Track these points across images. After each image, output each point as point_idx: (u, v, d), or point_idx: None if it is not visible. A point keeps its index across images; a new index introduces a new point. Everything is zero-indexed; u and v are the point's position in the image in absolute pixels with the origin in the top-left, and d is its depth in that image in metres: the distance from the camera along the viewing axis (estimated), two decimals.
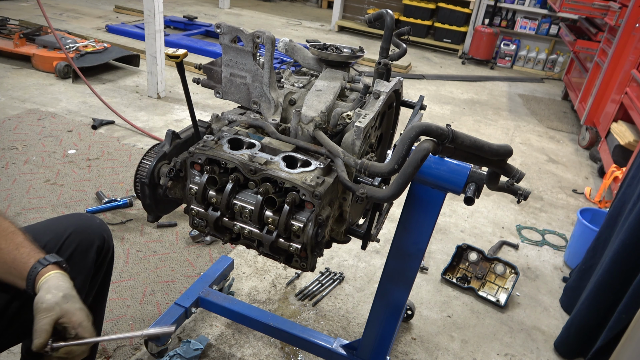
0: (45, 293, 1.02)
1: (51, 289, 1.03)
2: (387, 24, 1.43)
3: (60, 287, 1.04)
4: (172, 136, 1.38)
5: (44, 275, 1.05)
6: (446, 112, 5.21)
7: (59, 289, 1.03)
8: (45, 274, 1.05)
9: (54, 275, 1.05)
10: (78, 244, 1.32)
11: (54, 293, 1.02)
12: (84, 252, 1.34)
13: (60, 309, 1.02)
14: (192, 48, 5.56)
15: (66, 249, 1.30)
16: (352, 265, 2.62)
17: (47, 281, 1.04)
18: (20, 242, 1.10)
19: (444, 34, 7.71)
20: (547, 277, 2.78)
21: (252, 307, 1.97)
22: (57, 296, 1.02)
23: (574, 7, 5.38)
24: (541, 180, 3.97)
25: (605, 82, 4.63)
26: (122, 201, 2.79)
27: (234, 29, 1.28)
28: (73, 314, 1.03)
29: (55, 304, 1.01)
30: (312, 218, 1.14)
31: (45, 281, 1.04)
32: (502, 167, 1.19)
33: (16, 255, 1.07)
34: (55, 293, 1.02)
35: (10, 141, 3.33)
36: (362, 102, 1.36)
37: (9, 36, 4.80)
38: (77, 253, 1.32)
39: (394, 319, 1.65)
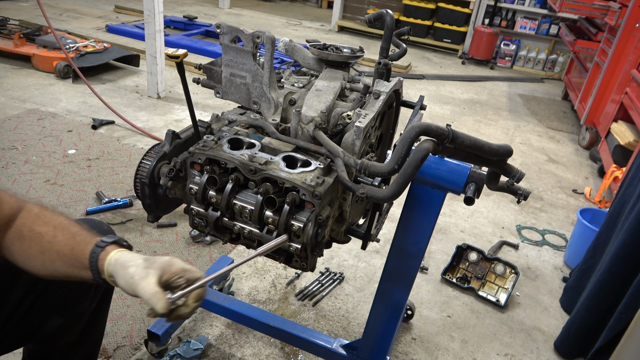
0: (125, 269, 0.94)
1: (127, 263, 0.95)
2: (387, 24, 1.43)
3: (133, 257, 0.97)
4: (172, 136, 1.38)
5: (107, 258, 0.97)
6: (446, 112, 5.21)
7: (133, 259, 0.96)
8: (107, 257, 0.97)
9: (118, 253, 0.98)
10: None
11: (134, 263, 0.95)
12: None
13: (154, 268, 0.94)
14: (192, 48, 5.57)
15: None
16: (352, 265, 2.62)
17: (116, 261, 0.96)
18: (76, 232, 1.04)
19: (444, 34, 7.71)
20: (547, 277, 2.78)
21: (252, 307, 1.97)
22: (139, 263, 0.95)
23: (574, 7, 5.38)
24: (541, 180, 3.97)
25: (605, 82, 4.63)
26: (122, 201, 2.79)
27: (234, 29, 1.28)
28: (169, 265, 0.96)
29: (145, 268, 0.94)
30: (312, 218, 1.14)
31: (113, 262, 0.96)
32: (502, 167, 1.19)
33: (73, 244, 1.01)
34: (135, 262, 0.95)
35: (10, 141, 3.33)
36: (362, 102, 1.36)
37: (9, 36, 4.80)
38: None
39: (394, 319, 1.65)
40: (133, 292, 0.93)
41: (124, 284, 0.94)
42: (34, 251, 1.02)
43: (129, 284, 0.93)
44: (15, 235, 1.04)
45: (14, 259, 1.05)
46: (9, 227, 1.04)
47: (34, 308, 1.24)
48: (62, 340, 1.39)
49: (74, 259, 1.00)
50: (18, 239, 1.03)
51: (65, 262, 1.01)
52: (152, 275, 0.93)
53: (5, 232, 1.04)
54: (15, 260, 1.05)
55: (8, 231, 1.04)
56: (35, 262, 1.03)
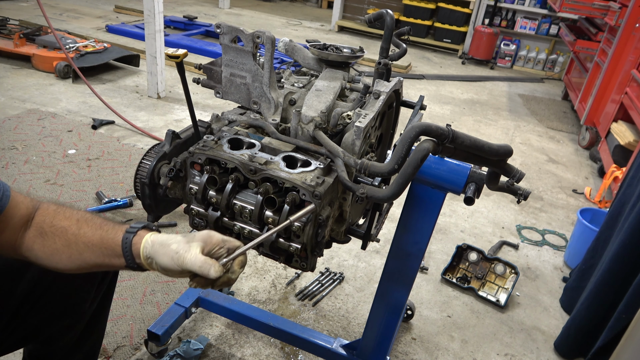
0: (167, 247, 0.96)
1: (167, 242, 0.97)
2: (387, 24, 1.43)
3: (170, 236, 0.98)
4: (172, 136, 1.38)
5: (142, 242, 0.99)
6: (446, 112, 5.21)
7: (170, 237, 0.98)
8: (142, 241, 0.99)
9: (153, 235, 0.99)
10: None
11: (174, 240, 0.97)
12: None
13: (195, 241, 0.97)
14: (192, 48, 5.56)
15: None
16: (352, 265, 2.62)
17: (154, 242, 0.98)
18: (101, 223, 1.05)
19: (444, 34, 7.71)
20: (547, 277, 2.78)
21: (252, 307, 1.97)
22: (179, 240, 0.97)
23: (574, 7, 5.38)
24: (541, 180, 3.97)
25: (605, 82, 4.63)
26: (122, 201, 2.79)
27: (234, 29, 1.28)
28: (209, 237, 0.99)
29: (186, 242, 0.96)
30: (312, 218, 1.14)
31: (151, 244, 0.98)
32: (502, 167, 1.19)
33: (102, 234, 1.02)
34: (175, 239, 0.97)
35: (10, 141, 3.33)
36: (362, 102, 1.36)
37: (9, 36, 4.80)
38: None
39: (394, 319, 1.65)
40: (180, 266, 0.95)
41: (167, 260, 0.95)
42: (59, 245, 1.03)
43: (174, 260, 0.95)
44: (36, 233, 1.04)
45: (36, 257, 1.05)
46: (27, 227, 1.05)
47: (35, 309, 1.24)
48: (63, 340, 1.39)
49: (105, 247, 1.01)
50: (40, 236, 1.04)
51: (95, 252, 1.02)
52: (196, 247, 0.96)
53: (25, 232, 1.04)
54: (38, 259, 1.05)
55: (27, 231, 1.05)
56: (61, 256, 1.03)
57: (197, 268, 0.94)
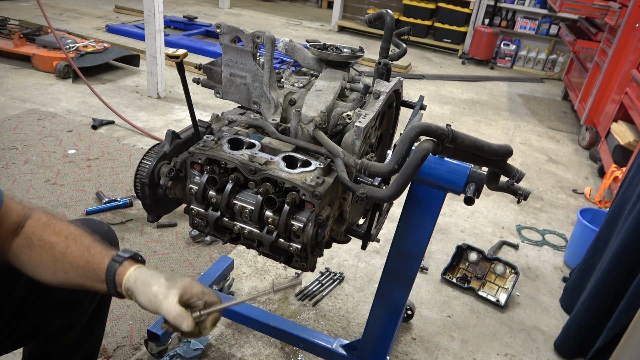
0: (148, 287, 0.97)
1: (149, 281, 0.97)
2: (387, 24, 1.43)
3: (154, 275, 0.99)
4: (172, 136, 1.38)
5: (126, 274, 0.99)
6: (446, 112, 5.21)
7: (154, 277, 0.98)
8: (126, 272, 0.99)
9: (137, 270, 1.00)
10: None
11: (156, 282, 0.97)
12: None
13: (176, 288, 0.97)
14: (192, 48, 5.56)
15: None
16: (352, 265, 2.62)
17: (137, 278, 0.98)
18: (89, 244, 1.05)
19: (444, 34, 7.71)
20: (547, 277, 2.78)
21: (252, 307, 1.97)
22: (161, 283, 0.97)
23: (574, 7, 5.38)
24: (541, 180, 3.97)
25: (605, 82, 4.63)
26: (122, 201, 2.78)
27: (234, 29, 1.28)
28: (190, 287, 0.99)
29: (167, 287, 0.97)
30: (312, 218, 1.14)
31: (134, 279, 0.98)
32: (502, 167, 1.19)
33: (88, 257, 1.03)
34: (157, 281, 0.98)
35: (10, 141, 3.33)
36: (362, 102, 1.36)
37: (9, 36, 4.80)
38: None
39: (394, 319, 1.65)
40: (155, 310, 0.96)
41: (145, 301, 0.97)
42: (44, 260, 1.04)
43: (151, 302, 0.96)
44: (24, 243, 1.05)
45: (20, 265, 1.06)
46: (16, 235, 1.05)
47: (34, 308, 1.24)
48: (63, 340, 1.39)
49: (89, 271, 1.02)
50: (27, 247, 1.04)
51: (79, 274, 1.03)
52: (174, 294, 0.96)
53: (13, 239, 1.05)
54: (23, 268, 1.06)
55: (16, 238, 1.05)
56: (45, 271, 1.04)
57: (171, 318, 0.95)
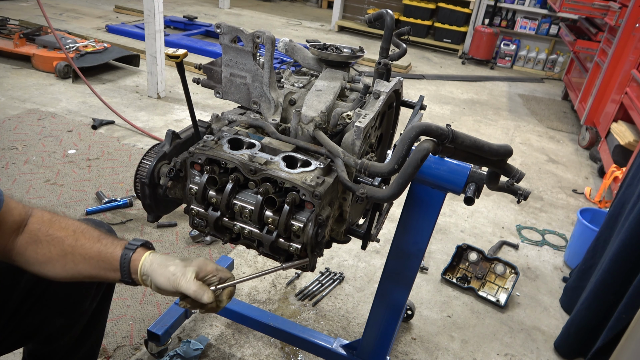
0: (165, 268, 1.02)
1: (165, 263, 1.03)
2: (387, 24, 1.43)
3: (169, 257, 1.04)
4: (172, 136, 1.38)
5: (141, 260, 1.03)
6: (446, 112, 5.21)
7: (169, 259, 1.04)
8: (141, 259, 1.04)
9: (151, 255, 1.05)
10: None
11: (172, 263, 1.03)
12: None
13: (191, 266, 1.03)
14: (192, 48, 5.57)
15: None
16: (352, 265, 2.62)
17: (152, 262, 1.03)
18: (98, 236, 1.08)
19: (444, 34, 7.71)
20: (547, 277, 2.78)
21: (252, 307, 1.97)
22: (177, 263, 1.03)
23: (574, 7, 5.38)
24: (541, 180, 3.97)
25: (605, 82, 4.63)
26: (122, 201, 2.78)
27: (234, 29, 1.28)
28: (204, 264, 1.06)
29: (183, 266, 1.02)
30: (312, 218, 1.14)
31: (150, 263, 1.03)
32: (502, 167, 1.19)
33: (100, 248, 1.05)
34: (173, 262, 1.03)
35: (10, 141, 3.33)
36: (362, 102, 1.36)
37: (9, 36, 4.80)
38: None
39: (394, 319, 1.65)
40: (175, 287, 1.01)
41: (164, 281, 1.01)
42: (53, 255, 1.05)
43: (170, 281, 1.01)
44: (29, 240, 1.05)
45: (27, 262, 1.07)
46: (19, 233, 1.06)
47: (35, 308, 1.25)
48: (63, 340, 1.39)
49: (102, 261, 1.05)
50: (34, 244, 1.05)
51: (91, 265, 1.05)
52: (191, 272, 1.02)
53: (16, 237, 1.06)
54: (29, 265, 1.07)
55: (19, 236, 1.06)
56: (55, 265, 1.05)
57: (192, 292, 1.01)
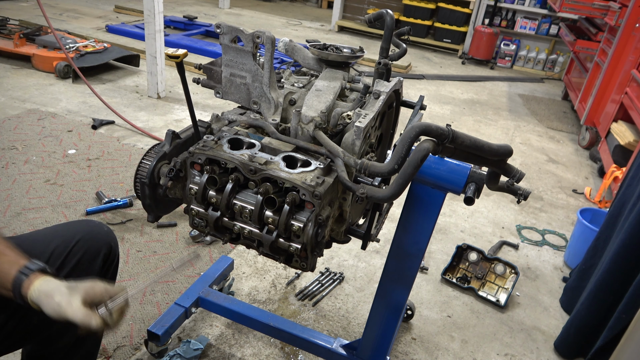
0: (50, 298, 0.99)
1: (52, 291, 1.00)
2: (387, 24, 1.43)
3: (57, 285, 1.01)
4: (172, 136, 1.38)
5: (30, 287, 1.01)
6: (446, 112, 5.21)
7: (57, 287, 1.01)
8: (30, 286, 1.01)
9: (42, 281, 1.02)
10: (86, 251, 1.32)
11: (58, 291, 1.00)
12: (91, 259, 1.34)
13: (77, 292, 1.01)
14: (192, 48, 5.56)
15: (74, 255, 1.30)
16: (352, 265, 2.62)
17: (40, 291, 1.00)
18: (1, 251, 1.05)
19: (444, 34, 7.71)
20: (547, 277, 2.78)
21: (252, 307, 1.97)
22: (63, 290, 1.00)
23: (574, 7, 5.38)
24: (541, 180, 3.97)
25: (605, 82, 4.62)
26: (122, 201, 2.78)
27: (234, 29, 1.28)
28: (91, 287, 1.03)
29: (69, 294, 1.00)
30: (312, 218, 1.14)
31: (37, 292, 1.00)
32: (502, 167, 1.19)
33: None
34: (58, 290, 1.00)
35: (10, 141, 3.33)
36: (362, 102, 1.36)
37: (9, 36, 4.80)
38: (84, 260, 1.32)
39: (394, 319, 1.65)
40: (63, 318, 0.99)
41: (51, 312, 0.99)
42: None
43: (56, 312, 0.99)
44: None
45: None
46: None
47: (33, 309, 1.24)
48: (62, 341, 1.38)
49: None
50: None
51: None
52: (77, 299, 0.99)
53: None
54: None
55: None
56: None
57: (79, 320, 0.98)
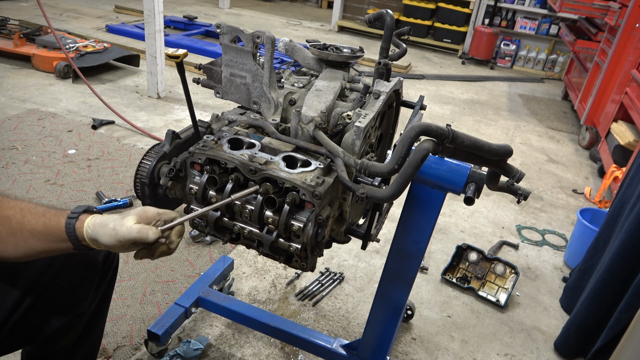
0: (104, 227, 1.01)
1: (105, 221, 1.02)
2: (387, 24, 1.43)
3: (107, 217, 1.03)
4: (172, 136, 1.38)
5: (84, 226, 1.03)
6: (446, 112, 5.21)
7: (108, 218, 1.03)
8: (84, 224, 1.03)
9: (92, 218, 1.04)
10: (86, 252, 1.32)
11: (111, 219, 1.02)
12: (91, 260, 1.33)
13: (130, 215, 1.02)
14: (192, 48, 5.56)
15: (74, 256, 1.30)
16: (352, 265, 2.62)
17: (94, 224, 1.02)
18: (43, 211, 1.08)
19: (444, 34, 7.71)
20: (547, 277, 2.78)
21: (252, 307, 1.97)
22: (115, 218, 1.02)
23: (574, 7, 5.38)
24: (541, 180, 3.97)
25: (605, 82, 4.62)
26: (122, 201, 2.78)
27: (234, 29, 1.28)
28: (144, 211, 1.05)
29: (122, 217, 1.02)
30: (312, 218, 1.14)
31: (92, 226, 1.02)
32: (502, 167, 1.19)
33: (45, 221, 1.05)
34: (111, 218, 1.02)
35: (10, 141, 3.33)
36: (362, 102, 1.36)
37: (9, 36, 4.80)
38: (85, 261, 1.32)
39: (394, 319, 1.65)
40: (120, 240, 0.99)
41: (108, 239, 1.00)
42: (3, 234, 1.05)
43: (113, 237, 0.99)
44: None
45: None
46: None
47: (33, 309, 1.24)
48: (61, 341, 1.38)
49: (50, 234, 1.04)
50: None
51: (41, 239, 1.05)
52: (130, 220, 1.01)
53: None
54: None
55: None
56: (7, 245, 1.05)
57: (135, 234, 0.99)
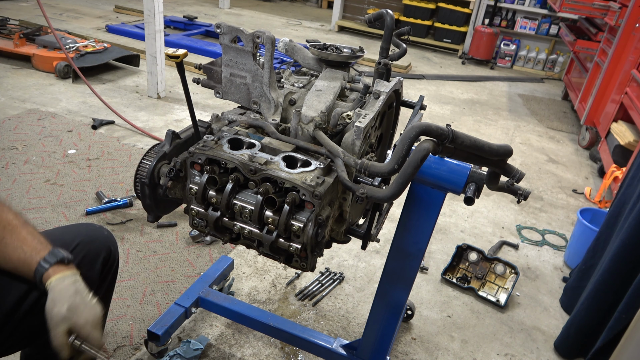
0: (52, 306, 1.05)
1: (56, 301, 1.05)
2: (387, 24, 1.43)
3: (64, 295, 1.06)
4: (172, 136, 1.38)
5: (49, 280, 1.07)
6: (446, 112, 5.21)
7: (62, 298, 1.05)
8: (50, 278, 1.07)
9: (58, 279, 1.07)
10: (85, 255, 1.32)
11: (59, 306, 1.05)
12: (91, 263, 1.33)
13: (68, 323, 1.05)
14: (192, 48, 5.56)
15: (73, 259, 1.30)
16: (352, 265, 2.62)
17: (52, 289, 1.06)
18: (24, 238, 1.10)
19: (444, 34, 7.71)
20: (547, 277, 2.78)
21: (252, 307, 1.97)
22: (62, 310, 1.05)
23: (574, 7, 5.38)
24: (541, 180, 3.97)
25: (605, 82, 4.62)
26: (122, 201, 2.78)
27: (234, 29, 1.28)
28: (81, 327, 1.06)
29: (62, 319, 1.05)
30: (312, 218, 1.14)
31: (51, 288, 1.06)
32: (502, 167, 1.19)
33: (20, 254, 1.08)
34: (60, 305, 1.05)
35: (10, 141, 3.33)
36: (362, 102, 1.36)
37: (9, 36, 4.80)
38: (84, 264, 1.31)
39: (394, 319, 1.65)
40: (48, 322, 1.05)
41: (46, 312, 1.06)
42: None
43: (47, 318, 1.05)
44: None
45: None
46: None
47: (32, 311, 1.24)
48: None
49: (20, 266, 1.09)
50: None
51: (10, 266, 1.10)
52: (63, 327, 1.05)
53: None
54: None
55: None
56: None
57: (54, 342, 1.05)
